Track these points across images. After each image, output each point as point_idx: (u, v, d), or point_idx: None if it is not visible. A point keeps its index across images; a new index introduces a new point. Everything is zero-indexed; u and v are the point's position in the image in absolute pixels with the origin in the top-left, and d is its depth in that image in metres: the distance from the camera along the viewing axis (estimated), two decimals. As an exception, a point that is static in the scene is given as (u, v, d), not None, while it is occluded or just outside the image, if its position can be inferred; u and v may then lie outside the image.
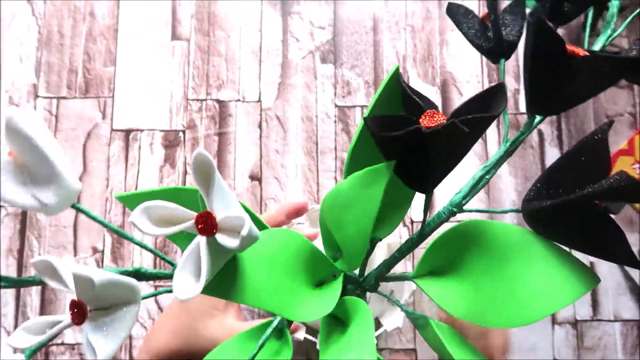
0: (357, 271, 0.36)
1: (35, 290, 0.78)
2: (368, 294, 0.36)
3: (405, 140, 0.25)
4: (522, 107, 0.84)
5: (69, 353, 0.76)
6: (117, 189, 0.80)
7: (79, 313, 0.22)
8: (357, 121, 0.83)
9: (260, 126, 0.83)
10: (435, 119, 0.26)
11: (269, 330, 0.32)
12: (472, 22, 0.34)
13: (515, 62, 0.85)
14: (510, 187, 0.82)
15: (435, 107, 0.28)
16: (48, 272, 0.21)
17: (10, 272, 0.78)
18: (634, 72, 0.26)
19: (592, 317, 0.78)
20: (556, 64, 0.25)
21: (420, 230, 0.32)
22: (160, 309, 0.77)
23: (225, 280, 0.25)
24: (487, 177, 0.31)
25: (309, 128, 0.83)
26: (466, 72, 0.85)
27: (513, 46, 0.33)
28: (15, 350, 0.25)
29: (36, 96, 0.83)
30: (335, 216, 0.31)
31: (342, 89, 0.84)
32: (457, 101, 0.84)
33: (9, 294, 0.78)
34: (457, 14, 0.34)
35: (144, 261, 0.78)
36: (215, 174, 0.22)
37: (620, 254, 0.26)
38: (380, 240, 0.36)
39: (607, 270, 0.78)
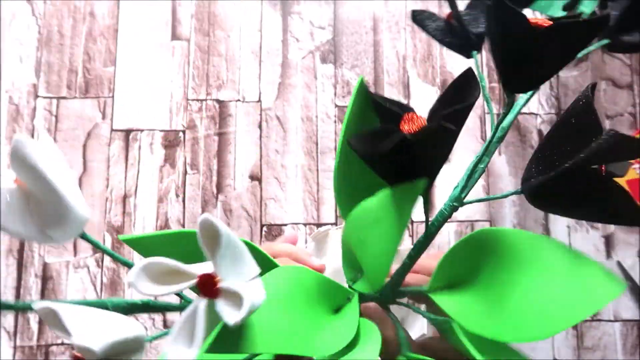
0: None
1: (35, 291, 0.78)
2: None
3: (393, 152, 0.25)
4: (522, 107, 0.84)
5: (69, 353, 0.76)
6: (117, 188, 0.80)
7: None
8: (357, 121, 0.83)
9: (260, 126, 0.83)
10: (415, 122, 0.26)
11: None
12: (437, 23, 0.35)
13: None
14: (510, 187, 0.82)
15: (411, 109, 0.27)
16: (49, 317, 0.20)
17: (10, 272, 0.78)
18: (597, 34, 0.26)
19: (592, 317, 0.78)
20: (522, 38, 0.25)
21: (425, 232, 0.31)
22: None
23: (231, 334, 0.23)
24: (482, 165, 0.30)
25: (309, 128, 0.83)
26: (466, 72, 0.85)
27: (481, 38, 0.33)
28: None
29: (36, 96, 0.83)
30: (361, 235, 0.29)
31: (342, 89, 0.84)
32: (457, 101, 0.84)
33: (9, 294, 0.78)
34: (421, 18, 0.35)
35: (144, 261, 0.78)
36: (222, 239, 0.21)
37: (627, 215, 0.26)
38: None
39: (607, 270, 0.78)
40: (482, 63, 0.85)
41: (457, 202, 0.31)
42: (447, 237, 0.82)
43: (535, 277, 0.28)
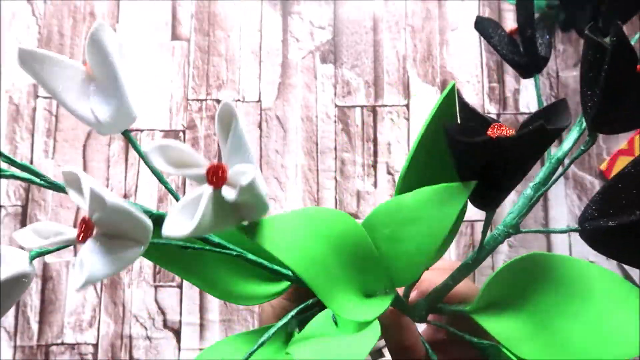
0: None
1: (35, 291, 0.78)
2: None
3: (479, 150, 0.24)
4: (522, 107, 0.84)
5: (69, 353, 0.76)
6: (117, 189, 0.80)
7: (85, 231, 0.22)
8: (357, 121, 0.83)
9: (260, 126, 0.83)
10: (503, 131, 0.25)
11: (273, 329, 0.30)
12: (501, 36, 0.35)
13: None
14: (513, 195, 0.82)
15: (497, 121, 0.27)
16: (74, 184, 0.22)
17: (10, 272, 0.78)
18: None
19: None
20: (629, 83, 0.25)
21: (476, 254, 0.31)
22: (160, 308, 0.77)
23: (272, 228, 0.24)
24: (537, 194, 0.31)
25: (309, 128, 0.83)
26: (466, 72, 0.85)
27: (546, 60, 0.33)
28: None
29: (36, 96, 0.83)
30: (392, 231, 0.28)
31: (342, 89, 0.84)
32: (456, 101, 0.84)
33: (8, 294, 0.78)
34: (486, 27, 0.35)
35: (144, 261, 0.78)
36: (236, 126, 0.22)
37: None
38: (427, 269, 0.34)
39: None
40: (482, 63, 0.85)
41: (513, 229, 0.31)
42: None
43: (588, 306, 0.27)
